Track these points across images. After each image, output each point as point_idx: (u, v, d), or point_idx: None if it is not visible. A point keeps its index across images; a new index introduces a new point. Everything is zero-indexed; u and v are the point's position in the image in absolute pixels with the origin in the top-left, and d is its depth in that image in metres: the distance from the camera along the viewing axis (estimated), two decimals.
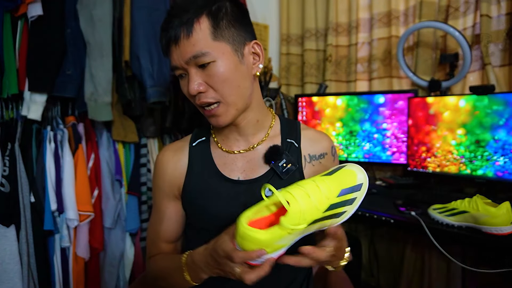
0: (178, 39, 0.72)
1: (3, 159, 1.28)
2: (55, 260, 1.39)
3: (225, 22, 0.74)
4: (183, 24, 0.72)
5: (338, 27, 2.15)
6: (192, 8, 0.73)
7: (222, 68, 0.73)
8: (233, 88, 0.75)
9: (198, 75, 0.74)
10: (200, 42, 0.72)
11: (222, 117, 0.77)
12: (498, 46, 1.58)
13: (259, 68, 0.81)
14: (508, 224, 1.08)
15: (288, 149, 0.84)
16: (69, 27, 1.36)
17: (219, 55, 0.73)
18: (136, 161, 1.58)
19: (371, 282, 2.09)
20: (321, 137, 0.88)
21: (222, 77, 0.73)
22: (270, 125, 0.87)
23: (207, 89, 0.74)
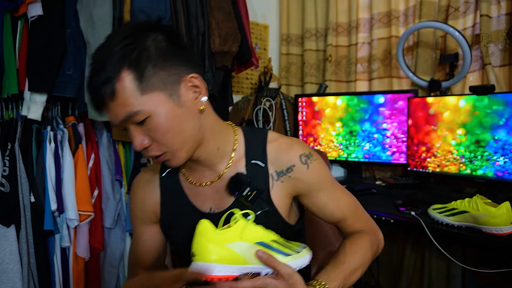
0: (103, 102, 0.67)
1: (3, 159, 1.28)
2: (55, 260, 1.39)
3: (151, 69, 0.67)
4: (104, 84, 0.65)
5: (338, 27, 2.15)
6: (110, 63, 0.65)
7: (159, 120, 0.68)
8: (176, 136, 0.70)
9: (138, 131, 0.69)
10: (128, 100, 0.66)
11: (173, 161, 0.73)
12: (498, 46, 1.58)
13: (202, 102, 0.73)
14: (508, 224, 1.08)
15: (253, 173, 0.79)
16: (69, 27, 1.36)
17: (152, 108, 0.67)
18: (136, 161, 1.58)
19: (371, 282, 2.09)
20: (287, 148, 0.81)
21: (161, 129, 0.68)
22: (233, 148, 0.81)
23: (151, 142, 0.70)
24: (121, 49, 0.66)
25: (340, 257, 0.78)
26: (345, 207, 0.85)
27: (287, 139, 0.83)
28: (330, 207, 0.83)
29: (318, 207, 0.83)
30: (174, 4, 1.54)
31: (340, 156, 1.95)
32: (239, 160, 0.81)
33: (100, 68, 0.66)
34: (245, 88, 2.26)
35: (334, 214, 0.84)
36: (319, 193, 0.82)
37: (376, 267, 2.07)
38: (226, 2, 1.69)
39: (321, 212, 0.84)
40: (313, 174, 0.80)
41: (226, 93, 1.85)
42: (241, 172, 0.79)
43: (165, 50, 0.69)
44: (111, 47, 0.67)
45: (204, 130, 0.75)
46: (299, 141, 0.84)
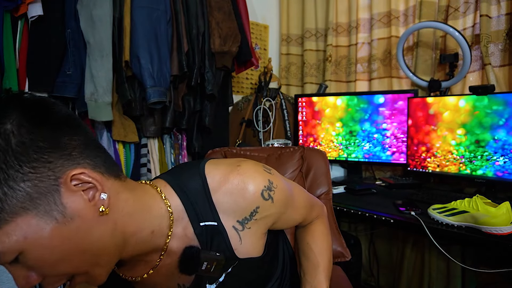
0: None
1: None
2: None
3: (3, 183, 0.43)
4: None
5: (338, 27, 2.15)
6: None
7: (40, 253, 0.46)
8: (77, 259, 0.49)
9: (17, 269, 0.48)
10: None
11: (92, 282, 0.53)
12: (498, 46, 1.58)
13: (102, 200, 0.51)
14: (508, 224, 1.08)
15: (206, 237, 0.63)
16: (69, 27, 1.36)
17: (21, 241, 0.45)
18: (136, 161, 1.58)
19: (371, 282, 2.09)
20: (242, 190, 0.63)
21: (49, 262, 0.47)
22: (169, 219, 0.60)
23: (41, 276, 0.49)
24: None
25: (312, 258, 0.79)
26: (303, 210, 0.79)
27: (236, 175, 0.63)
28: (293, 219, 0.77)
29: (282, 226, 0.75)
30: (174, 4, 1.54)
31: (340, 156, 1.95)
32: (185, 228, 0.62)
33: None
34: (245, 88, 2.26)
35: (296, 221, 0.80)
36: (284, 215, 0.72)
37: (376, 267, 2.07)
38: (226, 2, 1.69)
39: (283, 227, 0.77)
40: (278, 204, 0.68)
41: (226, 93, 1.85)
42: (191, 244, 0.62)
43: (22, 145, 0.45)
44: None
45: (122, 227, 0.54)
46: (250, 171, 0.65)
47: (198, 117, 1.75)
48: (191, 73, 1.60)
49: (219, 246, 0.64)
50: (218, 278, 0.66)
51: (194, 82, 1.61)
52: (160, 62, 1.46)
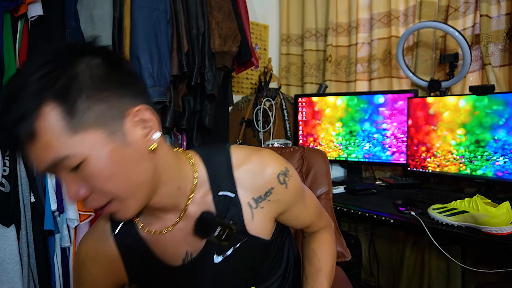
0: (19, 144, 0.51)
1: (3, 159, 1.28)
2: (55, 260, 1.39)
3: (84, 100, 0.51)
4: (18, 122, 0.49)
5: (338, 27, 2.15)
6: (26, 95, 0.49)
7: (99, 165, 0.53)
8: (123, 183, 0.56)
9: (72, 179, 0.54)
10: (54, 142, 0.50)
11: (122, 213, 0.59)
12: (498, 46, 1.58)
13: (153, 140, 0.59)
14: (508, 224, 1.08)
15: (222, 207, 0.69)
16: (69, 27, 1.36)
17: (88, 151, 0.52)
18: None
19: (371, 282, 2.09)
20: (261, 168, 0.70)
21: (102, 176, 0.54)
22: (192, 182, 0.67)
23: (90, 191, 0.55)
24: (42, 77, 0.50)
25: (315, 263, 0.80)
26: (312, 212, 0.83)
27: (256, 156, 0.71)
28: (302, 217, 0.81)
29: (290, 219, 0.79)
30: (174, 4, 1.54)
31: (340, 156, 1.95)
32: (204, 194, 0.69)
33: (13, 102, 0.50)
34: (245, 88, 2.26)
35: (304, 222, 0.84)
36: (294, 208, 0.77)
37: (376, 267, 2.07)
38: (226, 2, 1.69)
39: (292, 223, 0.81)
40: (291, 192, 0.73)
41: (226, 93, 1.85)
42: (208, 209, 0.68)
43: (102, 77, 0.54)
44: (27, 75, 0.50)
45: (160, 172, 0.61)
46: (270, 156, 0.72)
47: (198, 117, 1.75)
48: (191, 73, 1.60)
49: (232, 217, 0.69)
50: (226, 251, 0.70)
51: (194, 82, 1.61)
52: (160, 62, 1.46)
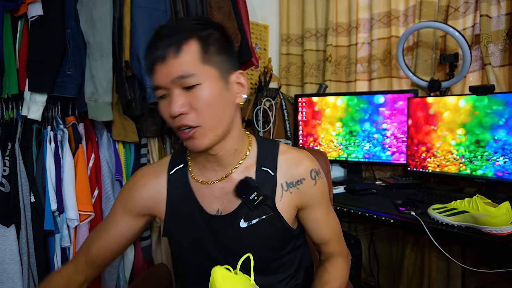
0: (165, 57, 0.70)
1: (3, 159, 1.28)
2: (55, 260, 1.39)
3: (214, 48, 0.73)
4: (172, 44, 0.70)
5: (338, 27, 2.15)
6: (182, 30, 0.71)
7: (207, 92, 0.71)
8: (216, 114, 0.73)
9: (181, 96, 0.71)
10: (188, 63, 0.70)
11: (199, 140, 0.73)
12: (498, 46, 1.58)
13: (242, 98, 0.79)
14: (508, 224, 1.08)
15: (262, 179, 0.82)
16: (69, 27, 1.36)
17: (206, 79, 0.71)
18: (136, 161, 1.58)
19: (371, 282, 2.09)
20: (299, 161, 0.84)
21: (206, 100, 0.71)
22: (246, 153, 0.84)
23: (189, 111, 0.71)
24: (194, 24, 0.73)
25: (324, 277, 0.82)
26: (332, 229, 0.89)
27: (298, 152, 0.86)
28: (321, 224, 0.87)
29: (311, 222, 0.87)
30: (174, 4, 1.54)
31: (340, 156, 1.95)
32: (250, 165, 0.83)
33: (172, 32, 0.71)
34: None
35: (323, 233, 0.88)
36: (316, 208, 0.86)
37: (376, 267, 2.07)
38: (226, 2, 1.69)
39: (312, 227, 0.88)
40: (318, 190, 0.84)
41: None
42: (251, 177, 0.81)
43: (225, 43, 0.76)
44: (183, 22, 0.74)
45: (233, 126, 0.79)
46: (309, 155, 0.86)
47: None
48: None
49: (267, 190, 0.81)
50: (252, 220, 0.81)
51: None
52: None
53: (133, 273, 1.59)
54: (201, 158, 0.82)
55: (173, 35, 0.70)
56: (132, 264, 1.58)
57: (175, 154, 0.90)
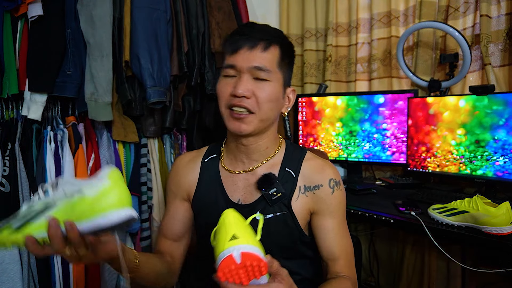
0: (254, 47, 0.81)
1: (3, 159, 1.28)
2: (55, 260, 1.39)
3: (287, 61, 0.86)
4: (263, 39, 0.82)
5: (338, 27, 2.15)
6: (272, 33, 0.85)
7: (272, 90, 0.83)
8: (269, 109, 0.84)
9: (250, 83, 0.81)
10: (270, 60, 0.82)
11: (246, 126, 0.82)
12: (498, 46, 1.58)
13: (287, 109, 0.92)
14: (508, 224, 1.08)
15: (283, 179, 0.89)
16: (69, 27, 1.36)
17: (274, 79, 0.83)
18: (136, 161, 1.58)
19: (371, 282, 2.09)
20: (321, 168, 0.91)
21: (268, 96, 0.82)
22: (274, 152, 0.93)
23: (251, 97, 0.81)
24: (281, 37, 0.87)
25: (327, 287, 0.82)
26: (343, 247, 0.89)
27: (322, 161, 0.93)
28: (331, 236, 0.88)
29: (321, 231, 0.89)
30: (174, 4, 1.54)
31: (340, 156, 1.95)
32: (275, 164, 0.91)
33: (265, 31, 0.84)
34: None
35: (332, 246, 0.87)
36: (329, 218, 0.89)
37: (376, 267, 2.07)
38: (226, 2, 1.69)
39: (321, 237, 0.89)
40: (334, 200, 0.89)
41: None
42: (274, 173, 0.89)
43: (293, 61, 0.91)
44: (273, 29, 0.87)
45: (272, 126, 0.91)
46: (332, 166, 0.93)
47: (198, 117, 1.75)
48: (191, 73, 1.60)
49: (286, 189, 0.88)
50: (267, 214, 0.86)
51: (194, 82, 1.61)
52: (160, 62, 1.46)
53: None
54: (233, 148, 0.91)
55: (265, 33, 0.82)
56: None
57: (212, 146, 1.01)
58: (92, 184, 0.61)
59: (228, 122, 0.84)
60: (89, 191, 0.60)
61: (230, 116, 0.83)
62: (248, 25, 0.87)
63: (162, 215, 1.64)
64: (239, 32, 0.84)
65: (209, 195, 0.93)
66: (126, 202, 0.62)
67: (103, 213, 0.60)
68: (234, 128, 0.83)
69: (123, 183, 0.63)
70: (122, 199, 0.61)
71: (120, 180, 0.63)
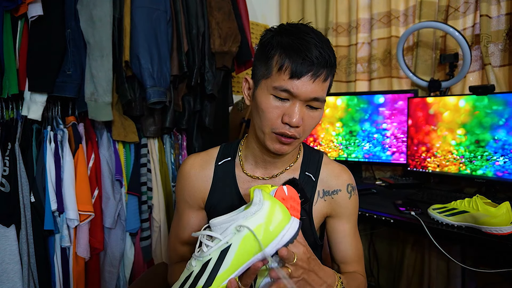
0: (317, 77, 0.74)
1: (3, 159, 1.28)
2: (55, 260, 1.39)
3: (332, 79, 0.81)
4: (327, 67, 0.75)
5: (338, 27, 2.15)
6: (333, 59, 0.78)
7: (319, 117, 0.80)
8: (310, 132, 0.82)
9: (304, 113, 0.77)
10: (324, 90, 0.78)
11: (288, 147, 0.80)
12: (498, 46, 1.58)
13: None
14: (508, 224, 1.08)
15: (304, 182, 0.88)
16: (69, 27, 1.36)
17: (323, 107, 0.80)
18: (136, 161, 1.58)
19: (371, 282, 2.09)
20: (339, 173, 0.91)
21: (315, 123, 0.80)
22: (296, 158, 0.91)
23: (301, 124, 0.78)
24: (333, 56, 0.78)
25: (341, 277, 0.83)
26: (357, 250, 0.91)
27: (339, 166, 0.93)
28: (348, 240, 0.89)
29: (337, 235, 0.90)
30: (174, 4, 1.54)
31: (340, 156, 1.95)
32: (296, 168, 0.90)
33: (328, 59, 0.75)
34: None
35: (346, 250, 0.89)
36: (345, 222, 0.89)
37: (376, 267, 2.07)
38: (226, 2, 1.69)
39: (337, 241, 0.90)
40: (351, 204, 0.90)
41: (226, 93, 1.85)
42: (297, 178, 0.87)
43: None
44: (329, 47, 0.78)
45: None
46: (348, 171, 0.93)
47: (198, 117, 1.75)
48: (191, 73, 1.60)
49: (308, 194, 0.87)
50: None
51: (194, 82, 1.61)
52: (160, 62, 1.46)
53: (133, 273, 1.59)
54: (257, 154, 0.87)
55: (327, 57, 0.75)
56: (132, 264, 1.58)
57: (225, 147, 0.95)
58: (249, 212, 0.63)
59: (270, 143, 0.80)
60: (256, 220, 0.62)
61: (276, 140, 0.79)
62: (304, 38, 0.75)
63: (162, 215, 1.64)
64: (302, 52, 0.73)
65: (225, 199, 0.89)
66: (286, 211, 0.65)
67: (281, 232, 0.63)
68: (276, 149, 0.80)
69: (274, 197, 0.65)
70: (285, 211, 0.64)
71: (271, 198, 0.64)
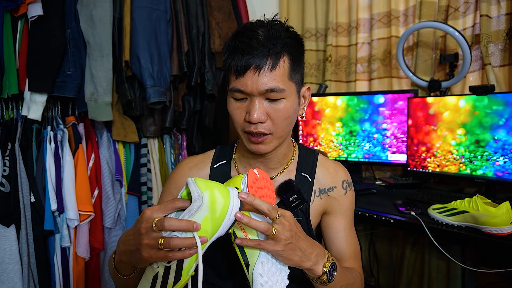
0: (260, 68, 0.71)
1: (3, 159, 1.28)
2: (55, 260, 1.39)
3: (298, 65, 0.77)
4: (270, 55, 0.71)
5: (338, 27, 2.15)
6: (279, 43, 0.72)
7: (287, 106, 0.75)
8: (287, 125, 0.78)
9: (263, 107, 0.74)
10: (280, 78, 0.73)
11: (265, 146, 0.78)
12: (498, 46, 1.58)
13: (304, 110, 0.85)
14: (508, 224, 1.08)
15: (300, 183, 0.87)
16: (69, 27, 1.36)
17: (289, 94, 0.75)
18: (136, 161, 1.58)
19: (371, 282, 2.09)
20: (334, 170, 0.90)
21: (285, 115, 0.75)
22: (290, 159, 0.89)
23: (267, 120, 0.75)
24: (288, 38, 0.74)
25: None
26: (353, 247, 0.89)
27: (334, 163, 0.92)
28: (342, 236, 0.88)
29: (332, 231, 0.88)
30: (174, 4, 1.54)
31: (340, 156, 1.95)
32: (291, 170, 0.88)
33: (270, 42, 0.71)
34: None
35: (342, 246, 0.87)
36: (341, 218, 0.88)
37: (376, 267, 2.07)
38: (226, 2, 1.69)
39: (332, 237, 0.88)
40: (347, 200, 0.89)
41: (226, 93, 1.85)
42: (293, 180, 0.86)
43: (302, 56, 0.82)
44: (279, 30, 0.74)
45: (289, 133, 0.84)
46: (343, 168, 0.92)
47: (198, 117, 1.75)
48: (191, 73, 1.60)
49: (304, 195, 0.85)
50: None
51: (194, 82, 1.61)
52: (160, 62, 1.46)
53: None
54: (248, 156, 0.86)
55: (270, 46, 0.71)
56: None
57: (221, 149, 0.93)
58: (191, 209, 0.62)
59: (247, 144, 0.79)
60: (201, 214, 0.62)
61: (249, 140, 0.78)
62: (247, 35, 0.72)
63: None
64: (241, 49, 0.71)
65: None
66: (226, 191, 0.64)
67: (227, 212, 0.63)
68: (253, 150, 0.79)
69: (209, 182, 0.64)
70: (223, 189, 0.64)
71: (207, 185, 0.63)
